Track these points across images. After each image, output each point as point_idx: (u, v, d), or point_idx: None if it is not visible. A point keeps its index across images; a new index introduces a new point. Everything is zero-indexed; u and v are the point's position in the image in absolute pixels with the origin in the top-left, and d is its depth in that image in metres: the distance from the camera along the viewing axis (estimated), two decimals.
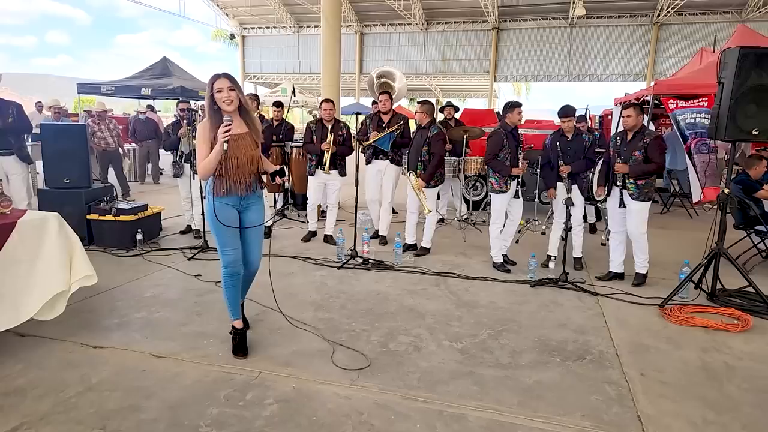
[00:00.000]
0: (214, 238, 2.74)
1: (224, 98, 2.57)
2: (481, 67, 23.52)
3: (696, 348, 3.03)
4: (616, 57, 21.55)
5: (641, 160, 3.99)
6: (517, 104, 4.48)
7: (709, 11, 19.77)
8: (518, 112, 4.44)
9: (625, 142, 4.10)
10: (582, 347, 2.99)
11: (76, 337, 2.93)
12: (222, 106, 2.59)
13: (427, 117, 4.81)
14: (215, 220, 2.64)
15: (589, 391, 2.51)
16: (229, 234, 2.69)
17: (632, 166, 3.99)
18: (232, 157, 2.60)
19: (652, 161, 3.96)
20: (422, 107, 4.82)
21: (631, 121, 4.02)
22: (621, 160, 4.07)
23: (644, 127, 4.08)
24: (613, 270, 4.31)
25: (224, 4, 24.49)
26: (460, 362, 2.77)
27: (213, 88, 2.58)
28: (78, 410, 2.23)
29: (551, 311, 3.56)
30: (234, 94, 2.58)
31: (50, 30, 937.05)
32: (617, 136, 4.23)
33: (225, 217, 2.65)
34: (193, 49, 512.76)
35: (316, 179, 5.30)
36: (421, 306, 3.61)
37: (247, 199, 2.75)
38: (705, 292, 3.89)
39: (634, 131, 4.05)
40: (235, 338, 2.82)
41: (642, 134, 4.01)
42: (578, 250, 4.67)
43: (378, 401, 2.37)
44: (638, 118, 4.01)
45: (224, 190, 2.65)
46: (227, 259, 2.71)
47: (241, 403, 2.32)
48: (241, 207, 2.75)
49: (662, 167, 3.98)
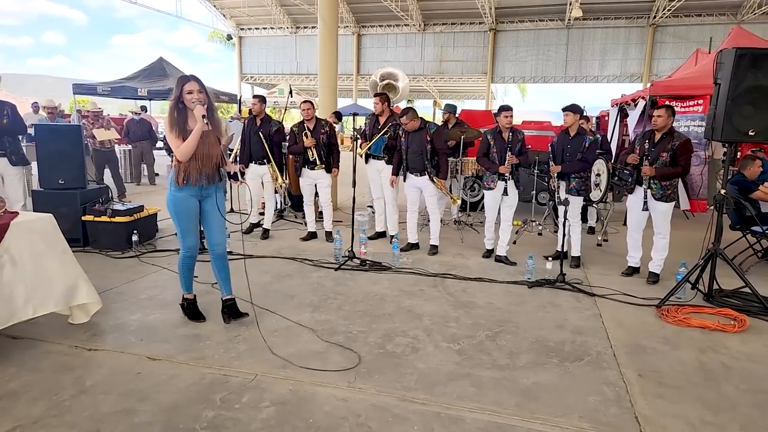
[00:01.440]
0: (175, 225, 3.07)
1: (194, 99, 2.87)
2: (478, 68, 23.58)
3: (693, 348, 3.03)
4: (613, 58, 21.65)
5: (668, 162, 4.02)
6: (505, 108, 4.66)
7: (704, 13, 19.90)
8: (505, 116, 4.59)
9: (652, 142, 4.11)
10: (580, 348, 2.98)
11: (71, 339, 2.91)
12: (189, 106, 2.90)
13: (416, 121, 4.83)
14: (175, 209, 2.99)
15: (587, 392, 2.50)
16: (190, 222, 3.05)
17: (659, 169, 4.01)
18: (196, 152, 2.88)
19: (680, 164, 3.99)
20: (408, 116, 4.78)
21: (661, 122, 4.04)
22: (648, 161, 4.08)
23: (673, 128, 4.10)
24: (632, 265, 4.46)
25: (221, 4, 24.47)
26: (457, 363, 2.76)
27: (183, 90, 2.89)
28: (72, 413, 2.21)
29: (549, 312, 3.56)
30: (202, 97, 2.89)
31: (47, 30, 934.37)
32: (644, 136, 4.24)
33: (186, 207, 2.99)
34: (191, 49, 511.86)
35: (305, 179, 5.35)
36: (418, 307, 3.60)
37: (207, 189, 3.03)
38: (702, 293, 3.90)
39: (662, 132, 4.07)
40: (189, 308, 3.26)
41: (671, 136, 4.03)
42: (576, 249, 4.68)
43: (375, 403, 2.35)
44: (668, 119, 4.04)
45: (185, 181, 2.93)
46: (187, 244, 3.11)
47: (237, 405, 2.30)
48: (201, 197, 3.04)
49: (687, 171, 4.05)
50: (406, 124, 4.79)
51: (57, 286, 2.86)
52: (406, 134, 4.90)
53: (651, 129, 4.22)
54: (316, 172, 5.28)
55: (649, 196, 4.12)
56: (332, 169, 5.35)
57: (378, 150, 5.28)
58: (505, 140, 4.63)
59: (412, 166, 4.93)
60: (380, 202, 5.55)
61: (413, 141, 4.86)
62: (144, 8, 21.66)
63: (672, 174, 4.01)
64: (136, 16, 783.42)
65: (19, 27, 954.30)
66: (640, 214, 4.24)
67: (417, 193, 5.09)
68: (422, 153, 4.83)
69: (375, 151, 5.30)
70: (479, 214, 6.82)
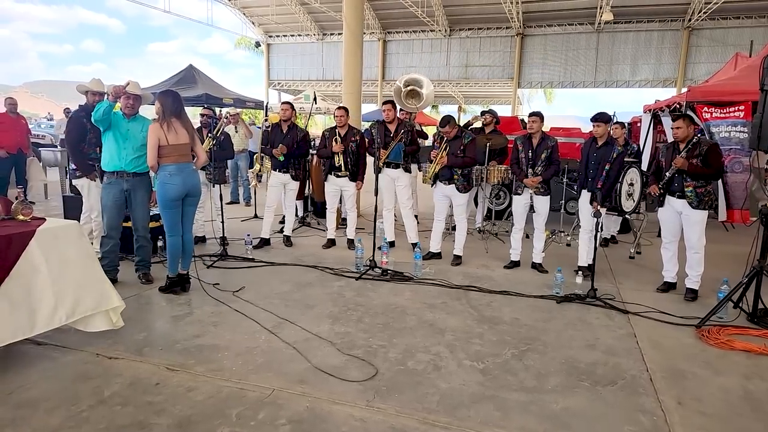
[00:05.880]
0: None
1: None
2: (505, 74, 23.24)
3: (737, 374, 2.81)
4: (645, 62, 20.98)
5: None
6: (531, 114, 4.66)
7: (743, 15, 19.09)
8: (531, 121, 4.60)
9: (678, 152, 3.97)
10: (613, 371, 2.81)
11: (93, 346, 2.92)
12: None
13: (454, 129, 4.77)
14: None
15: (622, 420, 2.34)
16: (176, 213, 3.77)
17: (691, 164, 3.85)
18: None
19: (712, 166, 3.85)
20: (450, 125, 4.74)
21: (681, 133, 3.94)
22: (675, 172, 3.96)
23: (698, 137, 3.94)
24: (668, 280, 4.26)
25: (251, 12, 24.93)
26: (481, 384, 2.63)
27: None
28: (89, 425, 2.19)
29: (579, 330, 3.38)
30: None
31: (86, 38, 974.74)
32: (668, 149, 4.10)
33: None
34: (221, 56, 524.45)
35: (330, 185, 5.33)
36: (441, 321, 3.48)
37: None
38: (745, 313, 3.65)
39: (687, 142, 3.93)
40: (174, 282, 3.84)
41: (698, 144, 3.89)
42: (583, 259, 4.51)
43: (395, 425, 2.25)
44: (689, 129, 3.93)
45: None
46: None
47: (253, 422, 2.24)
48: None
49: (721, 172, 3.89)
50: (448, 132, 4.72)
51: (86, 292, 2.87)
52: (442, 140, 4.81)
53: (674, 141, 4.09)
54: (341, 180, 5.24)
55: (685, 204, 3.94)
56: (357, 181, 5.29)
57: (398, 157, 5.18)
58: (533, 146, 4.58)
59: (442, 173, 4.82)
60: (389, 214, 5.47)
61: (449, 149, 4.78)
62: (178, 17, 22.29)
63: (703, 172, 3.86)
64: (171, 24, 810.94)
65: (60, 35, 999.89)
66: (672, 222, 4.08)
67: (446, 203, 4.98)
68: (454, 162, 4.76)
69: (395, 159, 5.20)
70: (504, 223, 6.65)
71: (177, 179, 3.68)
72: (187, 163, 3.77)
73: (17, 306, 2.55)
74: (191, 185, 3.79)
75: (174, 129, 3.67)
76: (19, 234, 2.63)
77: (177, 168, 3.68)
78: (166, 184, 3.67)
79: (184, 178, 3.71)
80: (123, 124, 3.86)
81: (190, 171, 3.81)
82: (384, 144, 5.18)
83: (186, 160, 3.77)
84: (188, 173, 3.77)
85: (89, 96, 4.41)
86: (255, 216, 6.97)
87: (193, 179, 3.81)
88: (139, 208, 4.02)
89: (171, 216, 3.76)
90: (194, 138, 3.84)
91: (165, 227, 3.84)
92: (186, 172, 3.74)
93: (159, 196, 3.73)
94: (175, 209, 3.76)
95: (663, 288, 4.24)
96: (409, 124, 5.48)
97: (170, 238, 3.80)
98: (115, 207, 3.94)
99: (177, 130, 3.69)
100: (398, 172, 5.28)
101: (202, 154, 3.95)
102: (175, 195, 3.71)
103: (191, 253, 3.99)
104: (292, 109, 5.50)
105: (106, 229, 4.01)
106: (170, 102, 3.71)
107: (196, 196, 3.91)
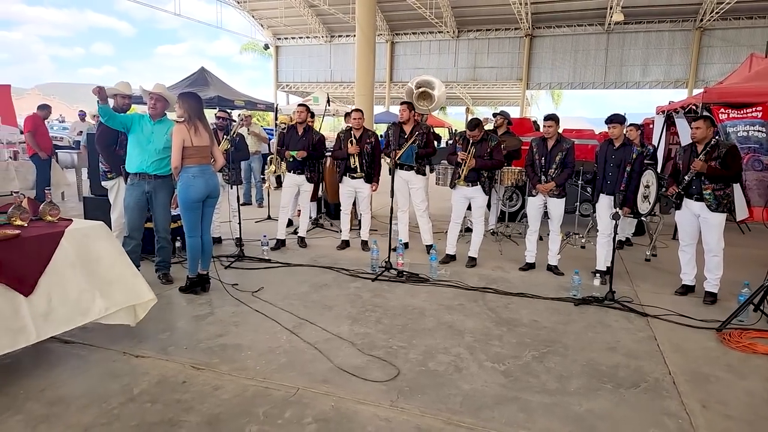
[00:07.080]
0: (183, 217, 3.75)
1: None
2: (513, 75, 23.19)
3: (762, 378, 2.80)
4: (656, 63, 20.84)
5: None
6: (545, 117, 4.69)
7: (756, 15, 18.90)
8: (547, 126, 4.62)
9: (696, 154, 3.95)
10: (635, 373, 2.81)
11: (119, 345, 2.96)
12: None
13: (480, 131, 4.78)
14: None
15: (646, 422, 2.34)
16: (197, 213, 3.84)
17: (710, 167, 3.84)
18: None
19: (732, 168, 3.83)
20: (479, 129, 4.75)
21: (700, 134, 3.91)
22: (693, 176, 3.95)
23: (716, 139, 3.92)
24: (686, 283, 4.24)
25: (260, 15, 25.08)
26: (503, 386, 2.64)
27: None
28: (120, 422, 2.23)
29: (598, 332, 3.38)
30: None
31: (96, 41, 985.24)
32: (685, 151, 4.09)
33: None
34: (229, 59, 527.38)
35: (345, 186, 5.37)
36: (459, 323, 3.49)
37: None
38: (766, 316, 3.63)
39: (705, 143, 3.91)
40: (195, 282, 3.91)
41: (716, 146, 3.87)
42: (601, 263, 4.48)
43: (420, 425, 2.27)
44: (708, 130, 3.90)
45: None
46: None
47: (280, 421, 2.27)
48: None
49: (740, 175, 3.89)
50: (475, 136, 4.74)
51: (120, 286, 2.92)
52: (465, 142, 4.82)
53: (692, 142, 4.05)
54: (356, 181, 5.28)
55: (703, 207, 3.92)
56: (372, 183, 5.32)
57: (410, 159, 5.17)
58: (548, 149, 4.60)
59: (467, 174, 4.83)
60: (406, 215, 5.49)
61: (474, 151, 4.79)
62: (186, 19, 22.50)
63: (723, 175, 3.84)
64: (179, 27, 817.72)
65: (71, 38, 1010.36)
66: (690, 225, 4.06)
67: (464, 205, 4.99)
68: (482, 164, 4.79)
69: (406, 161, 5.19)
70: (518, 225, 6.65)
71: (199, 181, 3.73)
72: (208, 165, 3.82)
73: (55, 301, 2.60)
74: (212, 187, 3.84)
75: (198, 131, 3.73)
76: (49, 234, 2.68)
77: (199, 170, 3.73)
78: (190, 186, 3.71)
79: (206, 179, 3.76)
80: (148, 126, 3.92)
81: (211, 173, 3.85)
82: (398, 145, 5.20)
83: (207, 162, 3.82)
84: (209, 175, 3.82)
85: (118, 99, 4.47)
86: (268, 217, 7.02)
87: (213, 180, 3.86)
88: (160, 209, 4.07)
89: (192, 217, 3.81)
90: (213, 140, 3.89)
91: (185, 228, 3.89)
92: (207, 174, 3.79)
93: (181, 198, 3.78)
94: (196, 210, 3.81)
95: (681, 291, 4.22)
96: (425, 126, 5.48)
97: (190, 239, 3.85)
98: (137, 208, 3.99)
99: (200, 132, 3.74)
100: (411, 174, 5.28)
101: (219, 157, 3.99)
102: (198, 196, 3.76)
103: (210, 254, 4.04)
104: (308, 111, 5.54)
105: (127, 229, 4.06)
106: (195, 104, 3.77)
107: (215, 197, 3.96)
